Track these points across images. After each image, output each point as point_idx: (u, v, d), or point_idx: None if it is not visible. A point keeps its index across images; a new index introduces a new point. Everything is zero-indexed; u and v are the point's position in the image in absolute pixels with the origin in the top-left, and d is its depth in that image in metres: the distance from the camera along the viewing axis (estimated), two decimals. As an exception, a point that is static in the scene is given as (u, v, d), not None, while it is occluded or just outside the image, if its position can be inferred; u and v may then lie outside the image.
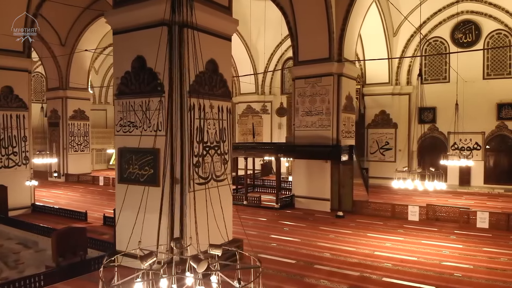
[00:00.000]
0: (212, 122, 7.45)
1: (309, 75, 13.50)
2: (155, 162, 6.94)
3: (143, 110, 7.15)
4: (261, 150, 14.34)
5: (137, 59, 7.19)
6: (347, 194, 12.78)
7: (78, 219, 11.81)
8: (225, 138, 7.81)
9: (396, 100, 19.23)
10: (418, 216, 11.70)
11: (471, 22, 17.83)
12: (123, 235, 7.63)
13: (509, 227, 10.49)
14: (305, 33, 13.42)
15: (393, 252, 8.60)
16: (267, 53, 22.45)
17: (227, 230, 7.94)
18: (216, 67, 7.51)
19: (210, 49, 7.40)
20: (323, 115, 13.27)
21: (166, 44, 6.87)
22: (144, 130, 7.15)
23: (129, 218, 7.51)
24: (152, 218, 7.11)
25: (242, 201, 14.20)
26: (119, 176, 7.54)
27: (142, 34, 7.17)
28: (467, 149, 17.95)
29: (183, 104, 6.87)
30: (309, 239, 9.63)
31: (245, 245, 8.98)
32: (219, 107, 7.63)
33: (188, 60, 6.90)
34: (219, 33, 7.61)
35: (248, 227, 10.92)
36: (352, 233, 10.28)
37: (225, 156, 7.80)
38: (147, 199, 7.12)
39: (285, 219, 11.95)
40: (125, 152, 7.44)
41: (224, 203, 7.86)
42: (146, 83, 7.07)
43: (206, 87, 7.28)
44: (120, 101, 7.51)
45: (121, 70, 7.46)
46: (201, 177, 7.20)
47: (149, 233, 7.27)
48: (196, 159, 7.06)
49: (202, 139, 7.23)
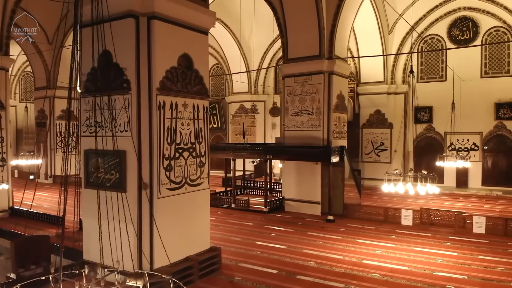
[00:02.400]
0: (186, 122, 6.91)
1: (299, 73, 12.95)
2: (122, 165, 6.39)
3: (109, 109, 6.59)
4: (250, 151, 13.78)
5: (103, 54, 6.61)
6: (338, 197, 12.24)
7: (55, 223, 11.25)
8: (201, 139, 7.26)
9: (392, 100, 18.67)
10: (411, 220, 11.15)
11: (468, 19, 17.29)
12: (90, 244, 7.11)
13: (507, 233, 9.94)
14: (294, 29, 12.88)
15: (383, 260, 8.05)
16: (261, 52, 21.91)
17: (204, 238, 7.42)
18: (191, 63, 6.96)
19: (183, 43, 6.86)
20: (313, 114, 12.73)
21: (133, 37, 6.35)
22: (110, 130, 6.59)
23: (96, 226, 6.99)
24: (120, 227, 6.57)
25: (230, 204, 13.65)
26: (85, 180, 6.99)
27: (108, 27, 6.60)
28: (464, 149, 17.40)
29: (152, 102, 6.32)
30: (295, 246, 9.08)
31: (228, 253, 8.46)
32: (194, 105, 7.09)
33: (158, 54, 6.37)
34: (193, 26, 7.06)
35: (233, 232, 10.39)
36: (341, 239, 9.74)
37: (201, 159, 7.25)
38: (114, 206, 6.59)
39: (273, 224, 11.40)
40: (92, 154, 6.89)
41: (201, 209, 7.35)
42: (112, 80, 6.53)
43: (179, 84, 6.74)
44: (87, 99, 6.96)
45: (88, 67, 6.90)
46: (173, 182, 6.66)
47: (117, 243, 6.75)
48: (167, 162, 6.51)
49: (174, 140, 6.68)
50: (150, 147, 6.35)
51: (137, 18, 6.33)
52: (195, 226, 7.16)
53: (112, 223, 6.69)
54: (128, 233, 6.41)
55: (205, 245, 7.39)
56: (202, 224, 7.34)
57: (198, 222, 7.24)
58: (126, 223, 6.43)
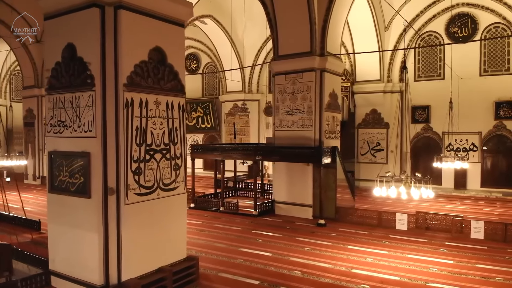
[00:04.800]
0: (158, 121, 6.36)
1: (289, 71, 12.41)
2: (86, 169, 5.85)
3: (73, 107, 6.06)
4: (239, 152, 13.22)
5: (68, 47, 6.10)
6: (330, 200, 11.70)
7: (31, 228, 10.72)
8: (176, 139, 6.72)
9: (388, 98, 18.13)
10: (406, 225, 10.61)
11: (467, 15, 16.75)
12: (56, 253, 6.57)
13: (507, 238, 9.40)
14: (285, 24, 12.34)
15: (374, 269, 7.50)
16: (254, 50, 21.36)
17: (180, 247, 6.88)
18: (164, 57, 6.42)
19: (155, 35, 6.31)
20: (304, 114, 12.18)
21: (98, 29, 5.81)
22: (75, 130, 6.07)
23: (62, 235, 6.47)
24: (85, 236, 6.05)
25: (219, 207, 13.10)
26: (50, 184, 6.45)
27: (72, 18, 6.08)
28: (463, 150, 16.87)
29: (118, 99, 5.78)
30: (282, 253, 8.54)
31: (209, 261, 7.92)
32: (168, 103, 6.54)
33: (125, 47, 5.83)
34: (167, 18, 6.52)
35: (217, 238, 9.84)
36: (331, 245, 9.19)
37: (176, 161, 6.71)
38: (79, 213, 6.07)
39: (261, 228, 10.86)
40: (56, 156, 6.36)
41: (177, 215, 6.82)
42: (76, 75, 5.99)
43: (150, 80, 6.19)
44: (51, 97, 6.43)
45: (52, 61, 6.38)
46: (143, 187, 6.11)
47: (83, 252, 6.22)
48: (135, 165, 5.97)
49: (145, 141, 6.14)
50: (117, 149, 5.81)
51: (102, 7, 5.78)
52: (170, 234, 6.62)
53: (77, 231, 6.19)
54: (94, 242, 5.90)
55: (181, 255, 6.85)
56: (177, 231, 6.79)
57: (173, 230, 6.70)
58: (91, 232, 5.92)
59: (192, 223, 11.36)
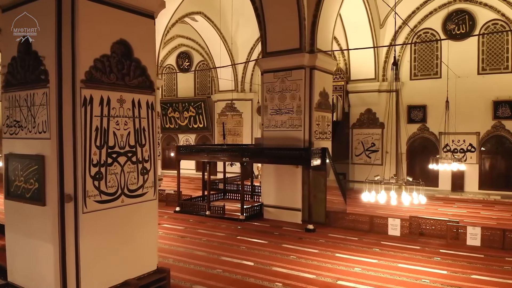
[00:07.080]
0: (122, 121, 5.82)
1: (278, 68, 11.87)
2: (41, 173, 5.31)
3: (28, 105, 5.53)
4: (226, 153, 12.66)
5: (24, 41, 5.56)
6: (319, 204, 11.16)
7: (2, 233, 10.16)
8: (144, 141, 6.18)
9: (383, 98, 17.56)
10: (399, 230, 10.07)
11: (464, 11, 16.21)
12: (14, 263, 6.04)
13: (505, 246, 8.86)
14: (273, 20, 11.80)
15: (361, 281, 6.97)
16: (247, 48, 20.82)
17: (149, 258, 6.34)
18: (129, 50, 5.87)
19: (119, 27, 5.77)
20: (293, 113, 11.65)
21: (53, 20, 5.27)
22: (29, 131, 5.53)
23: (18, 245, 5.94)
24: (41, 246, 5.51)
25: (205, 211, 12.56)
26: (6, 190, 5.92)
27: (28, 9, 5.55)
28: (460, 151, 16.34)
29: (76, 97, 5.24)
30: (264, 263, 7.99)
31: (185, 272, 7.39)
32: (134, 101, 6.00)
33: (83, 40, 5.30)
34: (134, 8, 5.98)
35: (199, 245, 9.29)
36: (318, 253, 8.65)
37: (144, 165, 6.16)
38: (34, 222, 5.54)
39: (247, 234, 10.32)
40: (12, 159, 5.82)
41: (146, 223, 6.28)
42: (31, 71, 5.46)
43: (112, 76, 5.65)
44: (7, 94, 5.90)
45: (8, 56, 5.85)
46: (105, 193, 5.57)
47: (39, 264, 5.69)
48: (95, 170, 5.43)
49: (106, 143, 5.59)
50: (74, 151, 5.27)
51: (57, -5, 5.24)
52: (137, 244, 6.08)
53: (32, 241, 5.66)
54: (49, 253, 5.36)
55: (150, 266, 6.30)
56: (146, 241, 6.25)
57: (141, 239, 6.16)
58: (46, 242, 5.39)
59: (174, 229, 10.83)
